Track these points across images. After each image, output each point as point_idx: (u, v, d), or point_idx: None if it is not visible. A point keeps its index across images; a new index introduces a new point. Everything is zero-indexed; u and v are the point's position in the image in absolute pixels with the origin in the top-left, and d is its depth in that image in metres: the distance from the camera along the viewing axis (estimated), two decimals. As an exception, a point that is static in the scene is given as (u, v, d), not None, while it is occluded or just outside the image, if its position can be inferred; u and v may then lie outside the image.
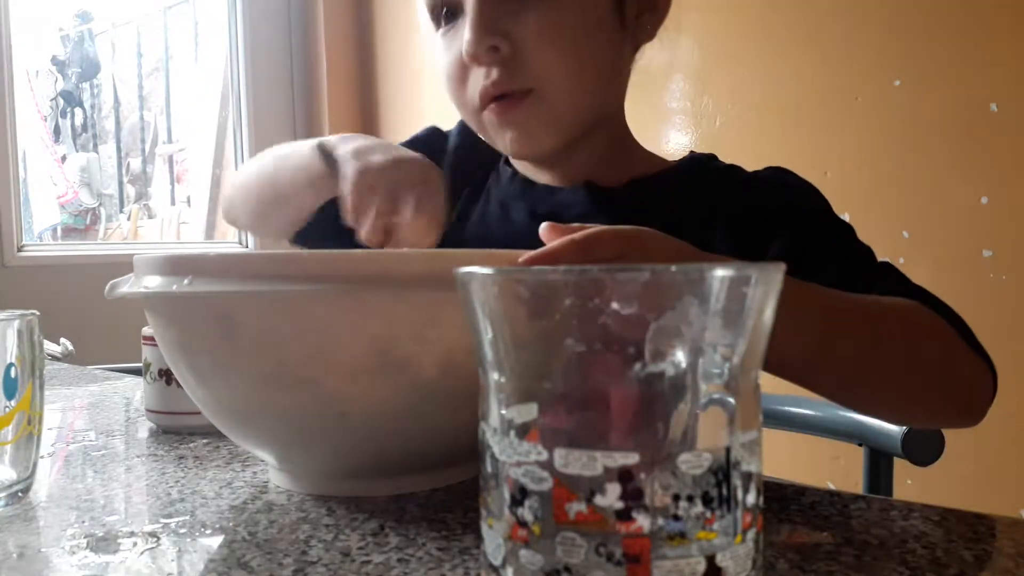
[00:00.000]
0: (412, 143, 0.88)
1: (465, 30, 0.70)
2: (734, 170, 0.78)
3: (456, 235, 0.82)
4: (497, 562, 0.28)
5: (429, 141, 0.88)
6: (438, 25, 0.75)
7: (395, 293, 0.43)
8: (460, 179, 0.85)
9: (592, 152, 0.77)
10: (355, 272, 0.43)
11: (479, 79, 0.72)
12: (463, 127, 0.86)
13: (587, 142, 0.76)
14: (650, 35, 0.76)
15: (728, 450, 0.26)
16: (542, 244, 0.47)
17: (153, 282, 0.47)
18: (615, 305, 0.25)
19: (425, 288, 0.43)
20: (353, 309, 0.43)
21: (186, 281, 0.45)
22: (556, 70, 0.71)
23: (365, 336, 0.44)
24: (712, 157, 0.80)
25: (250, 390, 0.47)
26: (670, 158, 0.83)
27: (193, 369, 0.49)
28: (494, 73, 0.71)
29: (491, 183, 0.84)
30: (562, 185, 0.79)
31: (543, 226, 0.47)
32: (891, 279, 0.67)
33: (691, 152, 0.82)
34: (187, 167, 3.38)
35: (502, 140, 0.75)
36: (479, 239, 0.81)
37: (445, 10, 0.73)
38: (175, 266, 0.46)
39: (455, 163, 0.86)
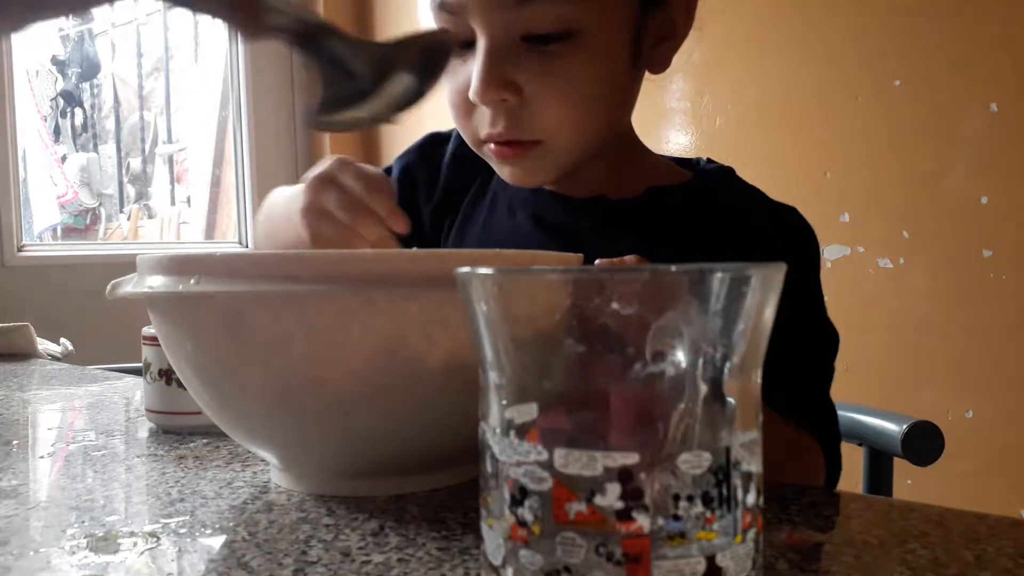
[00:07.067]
0: (406, 154, 0.86)
1: (473, 74, 0.65)
2: (753, 196, 0.76)
3: (460, 238, 0.81)
4: (497, 562, 0.28)
5: (424, 149, 0.86)
6: None
7: (404, 293, 0.43)
8: (463, 180, 0.83)
9: (601, 167, 0.74)
10: (364, 272, 0.43)
11: (484, 118, 0.68)
12: None
13: (596, 159, 0.73)
14: (665, 64, 0.72)
15: (728, 450, 0.26)
16: (546, 250, 0.47)
17: (157, 282, 0.46)
18: (615, 305, 0.25)
19: (434, 288, 0.42)
20: (362, 309, 0.43)
21: (192, 281, 0.45)
22: (566, 124, 0.67)
23: (374, 336, 0.44)
24: (731, 172, 0.78)
25: (256, 390, 0.47)
26: (677, 154, 0.81)
27: (197, 369, 0.49)
28: (500, 123, 0.67)
29: (496, 186, 0.81)
30: (571, 195, 0.76)
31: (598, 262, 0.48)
32: (805, 383, 0.70)
33: (708, 160, 0.79)
34: (187, 167, 3.38)
35: (501, 171, 0.73)
36: (483, 243, 0.78)
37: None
38: (181, 266, 0.46)
39: (457, 164, 0.83)
